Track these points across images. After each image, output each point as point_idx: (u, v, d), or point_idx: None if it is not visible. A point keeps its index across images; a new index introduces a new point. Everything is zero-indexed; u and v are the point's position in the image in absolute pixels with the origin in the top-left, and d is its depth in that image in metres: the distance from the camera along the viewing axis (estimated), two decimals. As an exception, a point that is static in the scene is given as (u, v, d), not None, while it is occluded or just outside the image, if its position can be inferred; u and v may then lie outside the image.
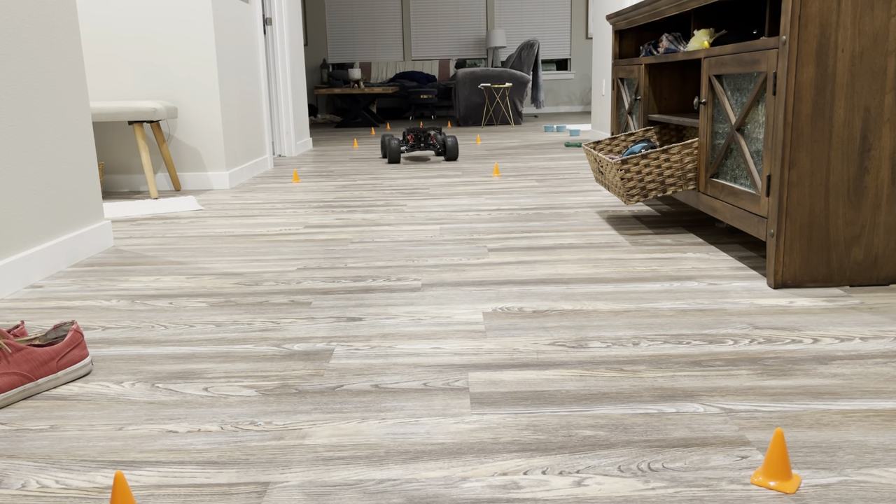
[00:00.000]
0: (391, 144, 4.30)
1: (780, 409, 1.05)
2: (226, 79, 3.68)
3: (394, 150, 4.31)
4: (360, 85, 8.06)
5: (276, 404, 1.12)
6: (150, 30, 3.48)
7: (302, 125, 5.52)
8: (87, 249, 2.17)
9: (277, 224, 2.60)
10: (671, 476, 0.88)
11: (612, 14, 3.01)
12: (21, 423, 1.08)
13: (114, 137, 3.59)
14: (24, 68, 1.89)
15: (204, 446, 0.99)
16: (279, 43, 5.00)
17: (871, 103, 1.54)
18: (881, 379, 1.15)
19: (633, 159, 2.10)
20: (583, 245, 2.13)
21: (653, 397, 1.10)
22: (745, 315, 1.47)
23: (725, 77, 1.89)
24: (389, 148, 4.31)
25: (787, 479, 0.85)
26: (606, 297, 1.62)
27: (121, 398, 1.16)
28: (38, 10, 1.97)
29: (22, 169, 1.87)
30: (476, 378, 1.20)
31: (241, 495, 0.87)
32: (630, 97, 2.93)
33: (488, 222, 2.52)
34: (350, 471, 0.92)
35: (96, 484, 0.90)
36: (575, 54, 10.01)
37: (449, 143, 4.35)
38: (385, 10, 9.84)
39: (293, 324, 1.50)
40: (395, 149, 4.30)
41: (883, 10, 1.50)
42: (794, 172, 1.57)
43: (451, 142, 4.35)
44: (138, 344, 1.40)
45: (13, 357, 1.15)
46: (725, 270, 1.80)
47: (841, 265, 1.61)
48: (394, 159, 4.34)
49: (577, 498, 0.84)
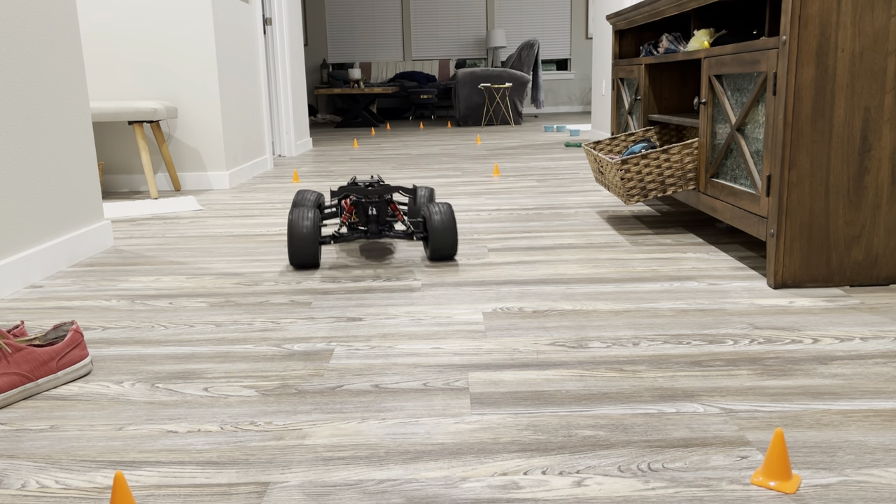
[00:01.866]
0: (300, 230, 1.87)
1: (780, 410, 1.05)
2: (226, 79, 3.68)
3: (305, 238, 1.87)
4: (360, 85, 8.06)
5: (276, 404, 1.12)
6: (150, 30, 3.48)
7: (302, 125, 5.52)
8: (87, 249, 2.17)
9: (277, 224, 2.60)
10: (671, 476, 0.88)
11: (612, 14, 3.01)
12: (21, 423, 1.08)
13: (114, 137, 3.59)
14: (24, 68, 1.89)
15: (204, 446, 0.99)
16: (279, 43, 5.00)
17: (871, 103, 1.54)
18: (881, 379, 1.15)
19: (633, 159, 2.10)
20: (583, 245, 2.13)
21: (653, 397, 1.10)
22: (745, 315, 1.47)
23: (725, 77, 1.89)
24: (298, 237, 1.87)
25: (787, 479, 0.85)
26: (606, 297, 1.62)
27: (121, 398, 1.16)
28: (38, 10, 1.97)
29: (22, 169, 1.87)
30: (476, 378, 1.20)
31: (241, 495, 0.87)
32: (630, 97, 2.93)
33: (488, 222, 2.52)
34: (350, 471, 0.92)
35: (96, 484, 0.90)
36: (575, 54, 10.01)
37: (435, 218, 1.94)
38: (385, 10, 9.84)
39: (293, 324, 1.50)
40: (307, 236, 1.87)
41: (883, 10, 1.50)
42: (794, 172, 1.57)
43: (438, 218, 1.94)
44: (138, 344, 1.40)
45: (13, 357, 1.15)
46: (725, 270, 1.80)
47: (841, 265, 1.61)
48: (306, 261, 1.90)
49: (577, 498, 0.84)
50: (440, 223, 1.92)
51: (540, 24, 9.93)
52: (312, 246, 1.88)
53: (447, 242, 1.94)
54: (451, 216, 1.94)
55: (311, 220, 1.88)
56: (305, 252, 1.87)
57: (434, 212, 1.94)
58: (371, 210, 1.96)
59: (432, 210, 1.95)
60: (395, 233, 1.97)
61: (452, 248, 1.94)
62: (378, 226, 1.97)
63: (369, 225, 1.96)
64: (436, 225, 1.92)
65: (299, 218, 1.89)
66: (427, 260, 1.97)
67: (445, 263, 1.96)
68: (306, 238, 1.87)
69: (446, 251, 1.95)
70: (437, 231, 1.92)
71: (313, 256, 1.89)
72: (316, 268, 1.91)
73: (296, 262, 1.89)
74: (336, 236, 1.95)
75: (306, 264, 1.91)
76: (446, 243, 1.94)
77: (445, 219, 1.93)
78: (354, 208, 1.98)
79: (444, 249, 1.94)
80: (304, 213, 1.90)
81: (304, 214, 1.89)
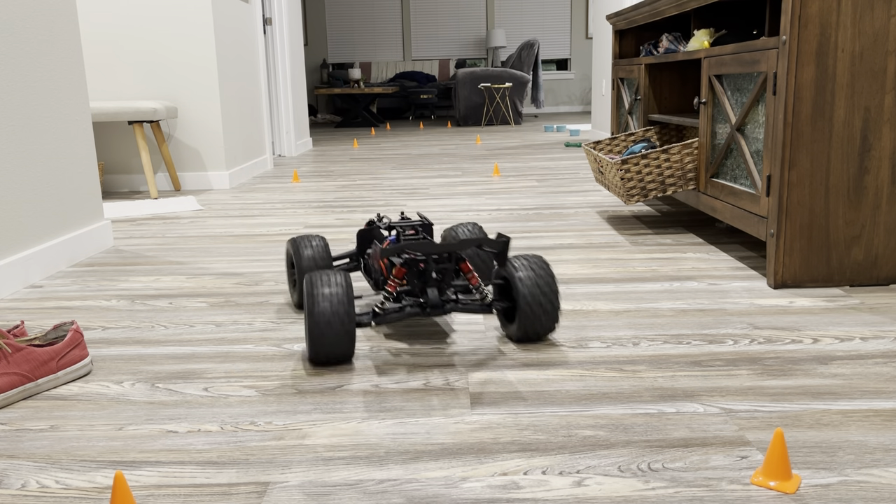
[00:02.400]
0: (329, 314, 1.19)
1: (780, 409, 1.05)
2: (226, 79, 3.68)
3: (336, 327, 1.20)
4: (360, 85, 8.06)
5: (276, 404, 1.12)
6: (150, 30, 3.48)
7: (302, 125, 5.52)
8: (87, 249, 2.17)
9: (277, 224, 2.60)
10: (671, 476, 0.88)
11: (612, 14, 3.01)
12: (21, 423, 1.08)
13: (114, 137, 3.59)
14: (24, 68, 1.89)
15: (204, 446, 0.99)
16: (279, 43, 5.00)
17: (871, 103, 1.54)
18: (881, 379, 1.15)
19: (633, 159, 2.10)
20: (583, 245, 2.13)
21: (653, 397, 1.10)
22: (745, 315, 1.47)
23: (725, 77, 1.89)
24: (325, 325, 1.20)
25: (787, 479, 0.85)
26: (606, 297, 1.62)
27: (121, 398, 1.16)
28: (38, 10, 1.97)
29: (22, 169, 1.87)
30: (476, 378, 1.20)
31: (241, 495, 0.87)
32: (630, 97, 2.93)
33: (488, 222, 2.52)
34: (350, 471, 0.92)
35: (96, 484, 0.90)
36: (575, 54, 10.01)
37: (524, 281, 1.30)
38: (385, 10, 9.84)
39: (293, 324, 1.50)
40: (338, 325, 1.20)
41: (883, 10, 1.50)
42: (794, 172, 1.57)
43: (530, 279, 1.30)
44: (138, 344, 1.40)
45: (13, 357, 1.15)
46: (725, 270, 1.80)
47: (841, 265, 1.61)
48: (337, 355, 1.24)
49: (577, 498, 0.84)
50: (533, 287, 1.28)
51: (540, 23, 9.93)
52: (347, 335, 1.21)
53: (546, 316, 1.30)
54: (549, 275, 1.31)
55: (344, 297, 1.20)
56: (337, 344, 1.21)
57: (522, 273, 1.30)
58: (433, 274, 1.30)
59: (519, 269, 1.31)
60: (464, 305, 1.30)
61: (552, 322, 1.31)
62: (442, 296, 1.30)
63: (428, 295, 1.28)
64: (528, 289, 1.28)
65: (323, 292, 1.20)
66: (512, 340, 1.35)
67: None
68: (338, 325, 1.19)
69: (543, 327, 1.31)
70: (530, 299, 1.28)
71: (347, 347, 1.22)
72: (348, 361, 1.27)
73: (321, 358, 1.23)
74: (380, 312, 1.28)
75: (336, 360, 1.25)
76: (545, 318, 1.30)
77: (542, 282, 1.29)
78: (406, 270, 1.29)
79: (540, 327, 1.31)
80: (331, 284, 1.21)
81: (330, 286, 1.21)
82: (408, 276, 1.30)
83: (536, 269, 1.31)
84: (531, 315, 1.29)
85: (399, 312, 1.29)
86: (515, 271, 1.31)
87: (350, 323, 1.20)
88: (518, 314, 1.29)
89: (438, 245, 1.26)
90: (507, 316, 1.36)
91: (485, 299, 1.34)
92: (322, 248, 1.53)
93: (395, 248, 1.23)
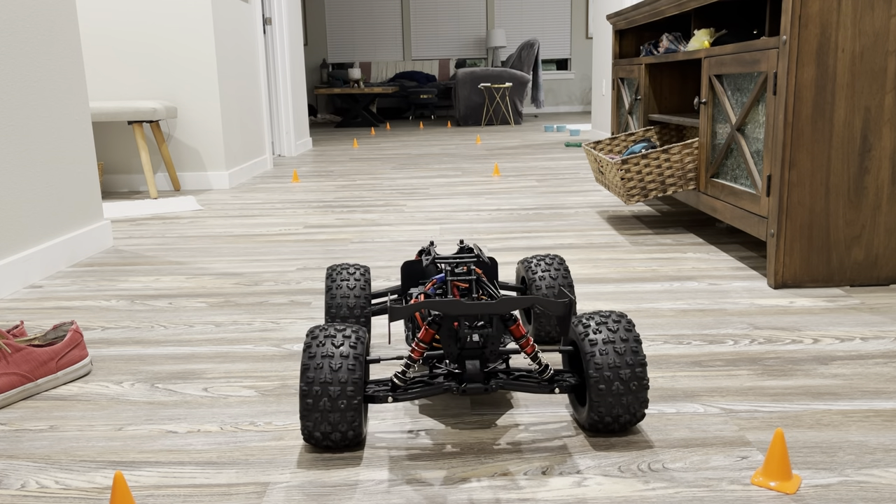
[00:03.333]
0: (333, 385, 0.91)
1: (781, 410, 1.05)
2: (225, 79, 3.68)
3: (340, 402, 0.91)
4: (360, 85, 8.06)
5: (276, 404, 1.12)
6: (150, 30, 3.48)
7: (302, 125, 5.52)
8: (87, 249, 2.17)
9: (277, 224, 2.60)
10: (671, 476, 0.88)
11: (612, 14, 3.01)
12: (21, 423, 1.08)
13: (114, 137, 3.59)
14: (24, 68, 1.89)
15: (204, 446, 0.99)
16: (279, 43, 5.00)
17: (872, 103, 1.54)
18: (881, 379, 1.14)
19: (633, 159, 2.10)
20: (583, 245, 2.13)
21: (653, 397, 1.10)
22: (745, 315, 1.47)
23: (726, 77, 1.89)
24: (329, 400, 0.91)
25: (787, 479, 0.85)
26: (606, 297, 1.62)
27: (120, 398, 1.16)
28: (38, 10, 1.96)
29: (22, 169, 1.87)
30: (476, 378, 1.19)
31: (241, 495, 0.87)
32: (630, 97, 2.93)
33: (488, 222, 2.51)
34: (350, 471, 0.92)
35: (96, 484, 0.90)
36: (575, 54, 10.01)
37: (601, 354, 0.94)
38: (385, 10, 9.84)
39: (293, 324, 1.50)
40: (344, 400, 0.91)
41: (883, 10, 1.50)
42: (795, 172, 1.57)
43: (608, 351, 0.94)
44: (138, 344, 1.40)
45: (13, 357, 1.15)
46: (726, 270, 1.80)
47: (841, 265, 1.61)
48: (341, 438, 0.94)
49: (577, 498, 0.84)
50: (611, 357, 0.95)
51: (540, 23, 9.93)
52: (350, 411, 0.93)
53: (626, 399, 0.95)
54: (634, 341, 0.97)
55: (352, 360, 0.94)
56: (338, 422, 0.93)
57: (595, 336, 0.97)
58: (472, 337, 0.98)
59: (592, 331, 0.98)
60: (515, 381, 1.00)
61: (636, 407, 0.96)
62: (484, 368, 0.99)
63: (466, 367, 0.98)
64: (602, 360, 0.95)
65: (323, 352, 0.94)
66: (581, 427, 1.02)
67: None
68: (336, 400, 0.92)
69: (622, 413, 0.96)
70: (606, 374, 0.94)
71: (350, 426, 0.94)
72: (359, 446, 0.99)
73: (316, 438, 0.95)
74: (399, 385, 0.99)
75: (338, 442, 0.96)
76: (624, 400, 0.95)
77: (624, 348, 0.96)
78: (437, 330, 0.98)
79: (619, 412, 0.96)
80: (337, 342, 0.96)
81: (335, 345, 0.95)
82: (442, 340, 0.98)
83: (616, 331, 0.97)
84: (606, 396, 0.94)
85: (426, 387, 0.98)
86: (586, 335, 0.97)
87: (356, 395, 0.92)
88: (589, 394, 0.96)
89: (472, 305, 0.93)
90: (578, 396, 1.03)
91: (545, 372, 1.00)
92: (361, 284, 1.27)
93: (411, 307, 0.91)
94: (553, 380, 1.00)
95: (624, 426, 0.97)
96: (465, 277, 1.10)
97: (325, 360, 0.93)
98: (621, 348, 0.95)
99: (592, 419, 0.97)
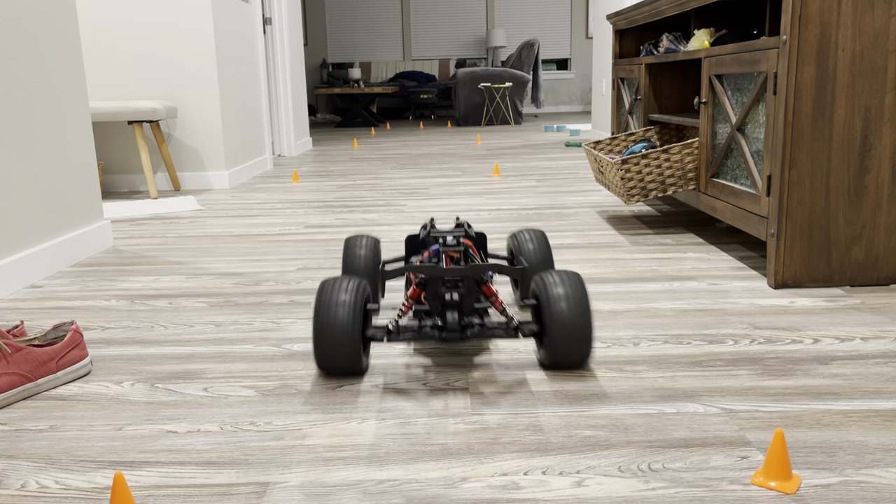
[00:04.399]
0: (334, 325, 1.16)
1: (781, 410, 1.05)
2: (225, 79, 3.68)
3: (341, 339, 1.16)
4: (360, 85, 8.06)
5: (276, 404, 1.12)
6: (150, 30, 3.48)
7: (302, 125, 5.52)
8: (87, 249, 2.17)
9: (277, 224, 2.60)
10: (671, 476, 0.88)
11: (612, 14, 3.01)
12: (21, 423, 1.08)
13: (114, 137, 3.59)
14: (24, 68, 1.89)
15: (204, 446, 0.99)
16: (279, 43, 5.00)
17: (872, 103, 1.54)
18: (881, 379, 1.14)
19: (633, 159, 2.10)
20: (583, 245, 2.13)
21: (653, 397, 1.10)
22: (745, 315, 1.47)
23: (726, 77, 1.89)
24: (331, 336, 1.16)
25: (787, 479, 0.85)
26: (606, 297, 1.62)
27: (120, 398, 1.16)
28: (37, 9, 1.96)
29: (22, 169, 1.87)
30: (476, 378, 1.19)
31: (241, 495, 0.87)
32: (630, 97, 2.93)
33: (489, 222, 2.51)
34: (350, 471, 0.92)
35: (96, 484, 0.90)
36: (575, 54, 10.01)
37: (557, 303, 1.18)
38: (385, 10, 9.84)
39: (293, 324, 1.50)
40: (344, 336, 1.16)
41: (883, 10, 1.50)
42: (795, 172, 1.57)
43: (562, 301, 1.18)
44: (138, 344, 1.40)
45: (13, 357, 1.15)
46: (726, 270, 1.80)
47: (841, 265, 1.61)
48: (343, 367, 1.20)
49: (577, 498, 0.84)
50: (566, 311, 1.17)
51: (540, 23, 9.93)
52: (349, 345, 1.16)
53: (579, 342, 1.17)
54: (583, 297, 1.19)
55: (350, 307, 1.16)
56: (339, 353, 1.16)
57: (553, 292, 1.19)
58: (451, 295, 1.20)
59: (550, 287, 1.20)
60: (488, 330, 1.21)
61: (586, 349, 1.19)
62: (461, 321, 1.20)
63: (447, 318, 1.19)
64: (559, 313, 1.17)
65: (332, 297, 1.17)
66: (541, 365, 1.24)
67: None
68: (340, 332, 1.15)
69: (576, 356, 1.19)
70: (562, 324, 1.16)
71: (352, 358, 1.18)
72: (359, 374, 1.22)
73: (324, 367, 1.19)
74: (392, 330, 1.21)
75: (340, 370, 1.20)
76: (577, 343, 1.18)
77: (573, 305, 1.17)
78: (424, 290, 1.26)
79: (572, 354, 1.19)
80: (341, 290, 1.18)
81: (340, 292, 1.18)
82: (428, 298, 1.23)
83: (568, 288, 1.19)
84: (565, 341, 1.16)
85: (414, 332, 1.20)
86: (548, 295, 1.19)
87: (355, 333, 1.15)
88: (549, 339, 1.18)
89: (447, 269, 1.20)
90: (538, 339, 1.24)
91: (510, 322, 1.20)
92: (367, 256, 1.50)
93: (400, 269, 1.25)
94: (518, 328, 1.21)
95: (572, 365, 1.22)
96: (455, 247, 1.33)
97: (332, 304, 1.16)
98: (572, 302, 1.17)
99: (549, 358, 1.20)
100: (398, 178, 3.77)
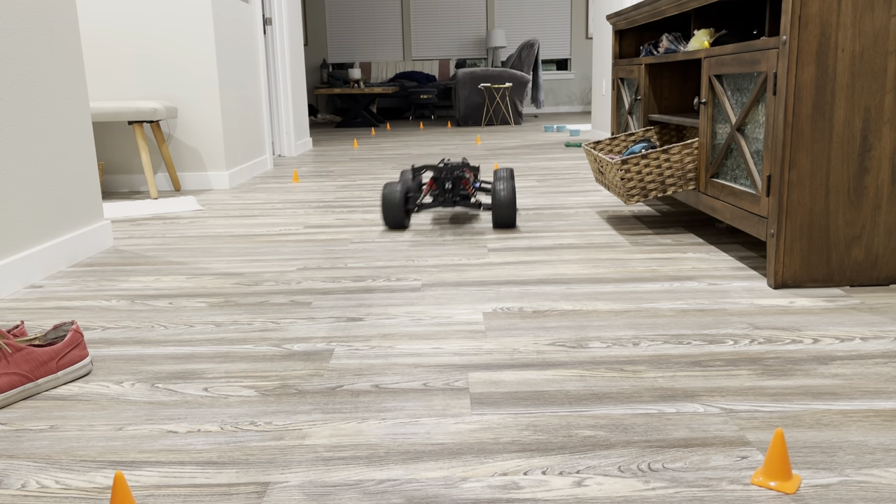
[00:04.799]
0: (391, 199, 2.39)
1: (781, 410, 1.05)
2: (226, 79, 3.68)
3: (394, 206, 2.38)
4: (360, 85, 8.06)
5: (276, 404, 1.12)
6: (150, 30, 3.48)
7: (302, 125, 5.52)
8: (87, 249, 2.17)
9: (277, 224, 2.60)
10: (671, 476, 0.88)
11: (612, 14, 3.01)
12: (21, 423, 1.08)
13: (114, 137, 3.59)
14: (24, 68, 1.89)
15: (204, 446, 0.99)
16: (279, 43, 5.00)
17: (872, 103, 1.54)
18: (881, 379, 1.15)
19: (633, 159, 2.10)
20: (583, 245, 2.13)
21: (653, 397, 1.10)
22: (745, 315, 1.47)
23: (725, 77, 1.89)
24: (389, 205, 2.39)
25: (787, 479, 0.85)
26: (606, 297, 1.62)
27: (121, 398, 1.16)
28: (37, 9, 1.97)
29: (22, 169, 1.87)
30: (476, 378, 1.20)
31: (241, 495, 0.87)
32: (630, 97, 2.93)
33: (488, 222, 2.51)
34: (350, 471, 0.92)
35: (96, 484, 0.90)
36: (575, 54, 10.01)
37: (502, 193, 2.35)
38: (385, 10, 9.84)
39: (293, 324, 1.50)
40: (396, 204, 2.38)
41: (883, 10, 1.50)
42: (795, 172, 1.57)
43: (504, 192, 2.35)
44: (138, 344, 1.40)
45: (13, 357, 1.15)
46: (725, 270, 1.80)
47: (841, 265, 1.61)
48: (396, 223, 2.41)
49: (577, 498, 0.84)
50: (503, 198, 2.32)
51: (540, 23, 9.93)
52: (399, 210, 2.37)
53: (507, 213, 2.34)
54: (511, 193, 2.33)
55: (399, 192, 2.37)
56: (394, 215, 2.38)
57: (499, 189, 2.33)
58: (447, 184, 2.42)
59: (497, 187, 2.33)
60: (466, 203, 2.40)
61: (511, 218, 2.34)
62: (453, 197, 2.40)
63: (445, 196, 2.42)
64: (500, 199, 2.32)
65: (391, 187, 2.39)
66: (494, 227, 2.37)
67: (445, 263, 1.95)
68: (394, 203, 2.37)
69: (506, 220, 2.35)
70: (500, 205, 2.32)
71: (399, 218, 2.38)
72: (404, 229, 2.40)
73: (387, 220, 2.40)
74: (420, 204, 2.44)
75: (394, 222, 2.40)
76: (506, 214, 2.34)
77: (506, 196, 2.33)
78: (434, 183, 2.45)
79: (503, 219, 2.34)
80: (394, 184, 2.39)
81: (394, 185, 2.39)
82: (436, 186, 2.44)
83: (506, 182, 2.35)
84: (498, 210, 2.34)
85: (430, 203, 2.43)
86: (496, 190, 2.34)
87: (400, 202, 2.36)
88: (494, 213, 2.35)
89: (443, 168, 2.44)
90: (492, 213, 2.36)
91: (478, 203, 2.43)
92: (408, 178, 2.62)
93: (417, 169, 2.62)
94: (479, 205, 2.39)
95: (506, 226, 2.36)
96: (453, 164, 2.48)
97: (390, 191, 2.37)
98: (507, 188, 2.33)
99: (494, 222, 2.36)
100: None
